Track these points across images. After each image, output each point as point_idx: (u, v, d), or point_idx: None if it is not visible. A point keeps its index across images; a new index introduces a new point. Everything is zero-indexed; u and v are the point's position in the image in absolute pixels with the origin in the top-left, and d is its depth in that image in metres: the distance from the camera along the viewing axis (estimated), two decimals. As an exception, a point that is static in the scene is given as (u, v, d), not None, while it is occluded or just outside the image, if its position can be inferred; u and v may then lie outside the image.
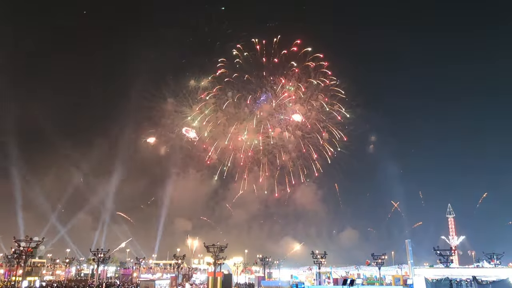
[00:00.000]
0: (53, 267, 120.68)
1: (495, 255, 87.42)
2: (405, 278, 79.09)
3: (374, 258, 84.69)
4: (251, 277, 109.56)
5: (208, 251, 69.00)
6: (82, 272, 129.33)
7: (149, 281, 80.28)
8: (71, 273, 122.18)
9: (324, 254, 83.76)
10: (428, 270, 65.62)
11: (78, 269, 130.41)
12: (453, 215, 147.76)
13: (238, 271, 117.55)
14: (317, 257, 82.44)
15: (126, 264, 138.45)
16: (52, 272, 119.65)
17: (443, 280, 42.94)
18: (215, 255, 67.96)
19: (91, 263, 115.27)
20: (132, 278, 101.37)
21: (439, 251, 70.56)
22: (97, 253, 76.38)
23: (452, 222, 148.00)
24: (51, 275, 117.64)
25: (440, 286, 42.83)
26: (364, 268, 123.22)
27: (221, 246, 68.42)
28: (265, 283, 79.43)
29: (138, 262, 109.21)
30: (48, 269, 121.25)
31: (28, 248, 61.43)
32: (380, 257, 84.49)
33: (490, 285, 40.46)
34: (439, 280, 43.41)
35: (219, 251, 68.25)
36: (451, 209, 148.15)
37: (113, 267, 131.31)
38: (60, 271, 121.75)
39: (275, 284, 79.85)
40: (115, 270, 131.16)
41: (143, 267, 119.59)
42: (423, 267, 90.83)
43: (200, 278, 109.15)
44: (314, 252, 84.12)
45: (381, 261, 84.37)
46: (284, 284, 74.35)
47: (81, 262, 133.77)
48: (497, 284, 40.34)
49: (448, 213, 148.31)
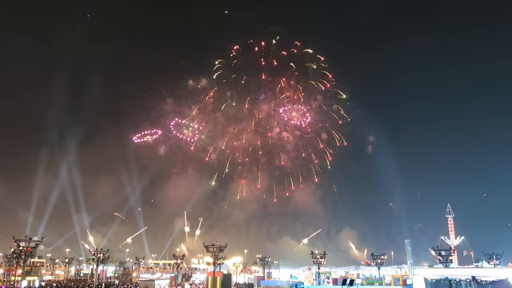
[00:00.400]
0: (53, 267, 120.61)
1: (495, 255, 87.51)
2: (405, 278, 79.02)
3: (374, 258, 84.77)
4: (251, 277, 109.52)
5: (208, 251, 68.94)
6: (81, 272, 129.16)
7: (148, 281, 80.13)
8: (71, 273, 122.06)
9: (324, 254, 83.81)
10: (427, 270, 65.65)
11: (77, 269, 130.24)
12: (452, 215, 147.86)
13: (237, 271, 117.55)
14: (317, 257, 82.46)
15: (126, 264, 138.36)
16: (52, 272, 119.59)
17: (443, 280, 42.97)
18: (214, 255, 67.92)
19: (90, 263, 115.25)
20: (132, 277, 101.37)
21: (438, 251, 70.70)
22: (96, 253, 76.38)
23: (452, 222, 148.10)
24: (50, 275, 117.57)
25: (439, 286, 42.84)
26: (364, 268, 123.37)
27: (221, 246, 68.38)
28: (265, 283, 79.34)
29: (138, 262, 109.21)
30: (47, 269, 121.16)
31: (27, 248, 61.35)
32: (380, 257, 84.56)
33: (490, 285, 40.42)
34: (439, 280, 43.42)
35: (219, 251, 68.21)
36: (451, 209, 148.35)
37: (112, 267, 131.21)
38: (59, 271, 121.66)
39: (274, 284, 79.79)
40: (115, 270, 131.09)
41: (143, 267, 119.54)
42: (422, 267, 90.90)
43: (199, 278, 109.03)
44: (314, 252, 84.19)
45: (381, 261, 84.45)
46: (283, 284, 74.30)
47: (81, 262, 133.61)
48: (497, 284, 40.31)
49: (447, 213, 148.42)
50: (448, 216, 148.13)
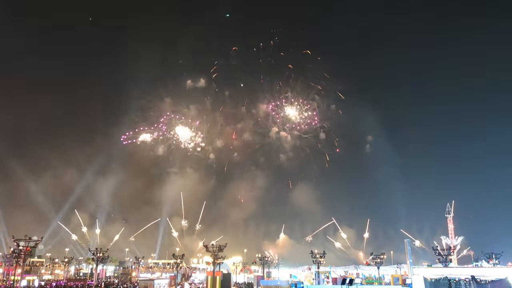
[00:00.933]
0: (52, 267, 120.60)
1: (494, 254, 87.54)
2: (404, 278, 79.00)
3: (373, 257, 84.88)
4: (250, 277, 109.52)
5: (207, 250, 69.04)
6: (81, 271, 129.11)
7: (148, 281, 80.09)
8: (70, 273, 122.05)
9: (323, 253, 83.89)
10: (427, 269, 65.65)
11: (77, 269, 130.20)
12: (452, 214, 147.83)
13: (237, 271, 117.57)
14: (316, 256, 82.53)
15: (125, 263, 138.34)
16: (51, 272, 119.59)
17: (442, 280, 42.93)
18: (214, 255, 68.01)
19: (90, 263, 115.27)
20: (131, 277, 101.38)
21: (438, 251, 70.76)
22: (96, 252, 76.38)
23: (451, 221, 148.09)
24: (50, 274, 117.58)
25: (439, 285, 42.82)
26: (363, 268, 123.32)
27: (220, 246, 68.47)
28: (264, 282, 79.31)
29: (137, 261, 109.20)
30: (47, 268, 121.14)
31: (27, 247, 61.30)
32: (379, 256, 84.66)
33: (489, 284, 40.42)
34: (438, 280, 43.39)
35: (218, 251, 68.32)
36: (450, 208, 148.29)
37: (112, 267, 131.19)
38: (59, 270, 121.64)
39: (274, 283, 79.72)
40: (114, 270, 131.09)
41: (142, 267, 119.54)
42: (422, 267, 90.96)
43: (199, 278, 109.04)
44: (313, 251, 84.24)
45: (380, 261, 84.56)
46: (283, 284, 74.21)
47: (80, 261, 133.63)
48: (496, 284, 40.33)
49: (447, 213, 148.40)
50: (447, 216, 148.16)
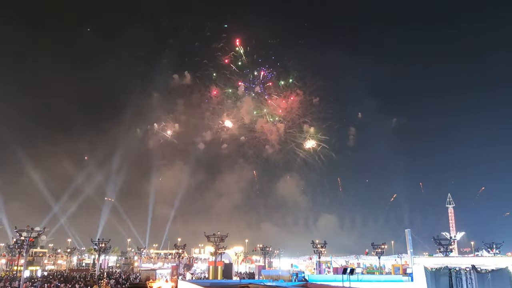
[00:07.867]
0: (55, 257, 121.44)
1: (494, 244, 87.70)
2: (405, 267, 79.29)
3: (374, 247, 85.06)
4: (252, 266, 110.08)
5: (209, 240, 69.38)
6: (83, 261, 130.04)
7: (150, 271, 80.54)
8: (73, 263, 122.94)
9: (324, 243, 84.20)
10: (427, 259, 65.83)
11: (79, 259, 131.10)
12: (453, 205, 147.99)
13: (238, 261, 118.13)
14: (317, 246, 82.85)
15: (127, 254, 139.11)
16: (54, 262, 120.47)
17: (443, 269, 42.99)
18: (216, 245, 68.35)
19: (92, 253, 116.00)
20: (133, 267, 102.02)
21: (439, 241, 70.91)
22: (98, 242, 76.70)
23: (452, 212, 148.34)
24: (52, 264, 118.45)
25: (439, 275, 42.90)
26: (364, 258, 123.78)
27: (222, 236, 68.78)
28: (266, 272, 79.70)
29: (139, 252, 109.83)
30: (49, 259, 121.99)
31: (30, 238, 61.55)
32: (380, 246, 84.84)
33: (489, 273, 40.54)
34: (439, 269, 43.48)
35: (220, 241, 68.64)
36: (451, 199, 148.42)
37: (114, 257, 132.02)
38: (61, 260, 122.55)
39: (275, 273, 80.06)
40: (116, 260, 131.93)
41: (144, 257, 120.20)
42: (422, 257, 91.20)
43: (201, 268, 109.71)
44: (314, 241, 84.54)
45: (381, 251, 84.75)
46: (284, 273, 74.47)
47: (82, 252, 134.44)
48: (496, 273, 40.44)
49: (448, 203, 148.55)
50: (448, 206, 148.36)
